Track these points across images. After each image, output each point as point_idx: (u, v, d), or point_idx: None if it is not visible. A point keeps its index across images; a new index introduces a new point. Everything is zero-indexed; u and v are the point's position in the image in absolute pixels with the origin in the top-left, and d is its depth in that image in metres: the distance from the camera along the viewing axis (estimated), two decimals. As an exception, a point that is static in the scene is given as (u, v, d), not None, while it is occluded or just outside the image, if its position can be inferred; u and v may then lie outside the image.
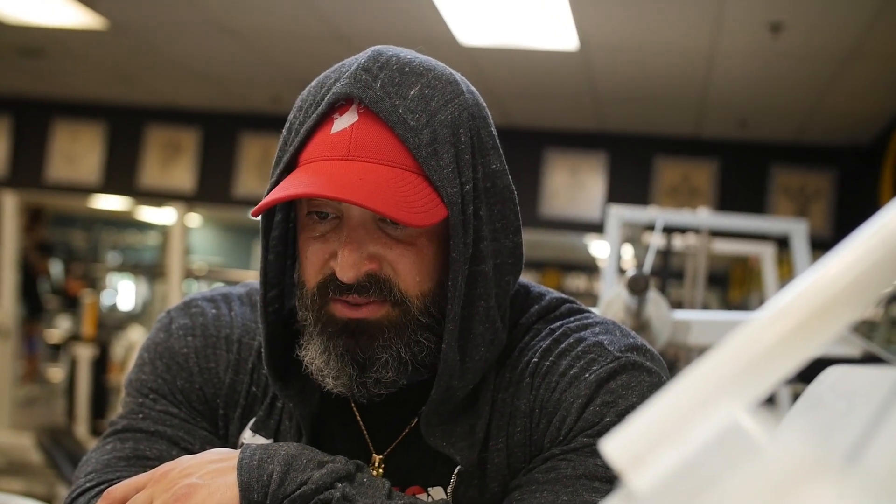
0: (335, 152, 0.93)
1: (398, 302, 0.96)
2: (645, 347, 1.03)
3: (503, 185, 1.01)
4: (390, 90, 0.94)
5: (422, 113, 0.94)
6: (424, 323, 0.98)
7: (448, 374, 0.97)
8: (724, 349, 0.44)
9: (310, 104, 0.98)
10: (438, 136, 0.94)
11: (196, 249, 13.57)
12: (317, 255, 0.98)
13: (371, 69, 0.96)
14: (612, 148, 7.09)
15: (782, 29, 4.52)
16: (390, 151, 0.93)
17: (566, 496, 0.94)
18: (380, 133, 0.93)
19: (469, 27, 4.96)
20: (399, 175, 0.93)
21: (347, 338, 0.97)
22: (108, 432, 1.08)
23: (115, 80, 7.04)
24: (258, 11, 5.09)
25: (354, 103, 0.95)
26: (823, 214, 6.77)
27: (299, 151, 0.97)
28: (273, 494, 0.90)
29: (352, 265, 0.93)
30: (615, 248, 3.66)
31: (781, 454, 0.39)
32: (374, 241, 0.95)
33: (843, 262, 0.44)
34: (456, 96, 0.98)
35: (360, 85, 0.94)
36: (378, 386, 0.98)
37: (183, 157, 7.71)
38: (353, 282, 0.94)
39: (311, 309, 0.99)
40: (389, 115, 0.93)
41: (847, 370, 0.74)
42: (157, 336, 1.12)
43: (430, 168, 0.93)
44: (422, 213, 0.92)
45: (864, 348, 2.08)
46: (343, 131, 0.94)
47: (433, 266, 0.98)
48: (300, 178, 0.93)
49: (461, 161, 0.95)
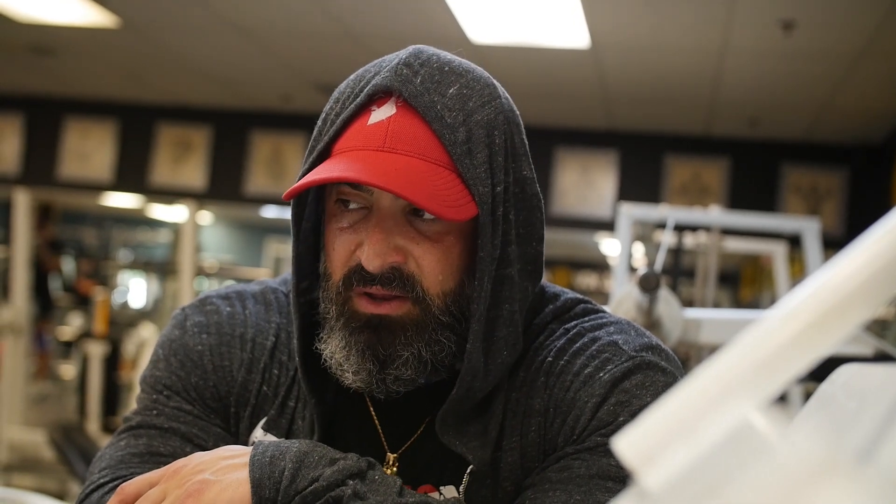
0: (371, 143, 0.94)
1: (419, 299, 0.96)
2: (660, 347, 1.03)
3: (532, 192, 1.01)
4: (430, 86, 0.95)
5: (459, 111, 0.95)
6: (445, 322, 0.98)
7: (471, 375, 0.97)
8: (735, 348, 0.44)
9: (347, 95, 0.98)
10: (473, 136, 0.95)
11: (207, 247, 13.60)
12: (344, 245, 0.98)
13: (412, 65, 0.97)
14: (623, 146, 7.08)
15: (794, 27, 4.50)
16: (426, 146, 0.94)
17: (579, 495, 0.94)
18: (417, 127, 0.94)
19: (480, 25, 4.96)
20: (433, 169, 0.93)
21: (369, 333, 0.97)
22: (123, 428, 1.08)
23: (126, 78, 7.06)
24: (269, 10, 5.09)
25: (393, 96, 0.95)
26: (835, 213, 6.74)
27: (334, 141, 0.97)
28: (285, 491, 0.90)
29: (378, 254, 0.93)
30: (626, 246, 3.66)
31: (793, 453, 0.39)
32: (401, 233, 0.96)
33: (856, 261, 0.44)
34: (493, 99, 0.99)
35: (401, 79, 0.95)
36: (397, 383, 0.98)
37: (194, 155, 7.73)
38: (378, 271, 0.94)
39: (335, 302, 0.99)
40: (428, 111, 0.94)
41: (859, 369, 0.74)
42: (172, 333, 1.12)
43: (464, 166, 0.93)
44: (454, 209, 0.92)
45: (877, 347, 2.08)
46: (380, 123, 0.94)
47: (457, 265, 0.98)
48: (335, 164, 0.93)
49: (494, 162, 0.96)
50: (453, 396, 0.97)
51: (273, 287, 1.17)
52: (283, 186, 7.54)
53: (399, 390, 0.99)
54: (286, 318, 1.12)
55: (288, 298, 1.15)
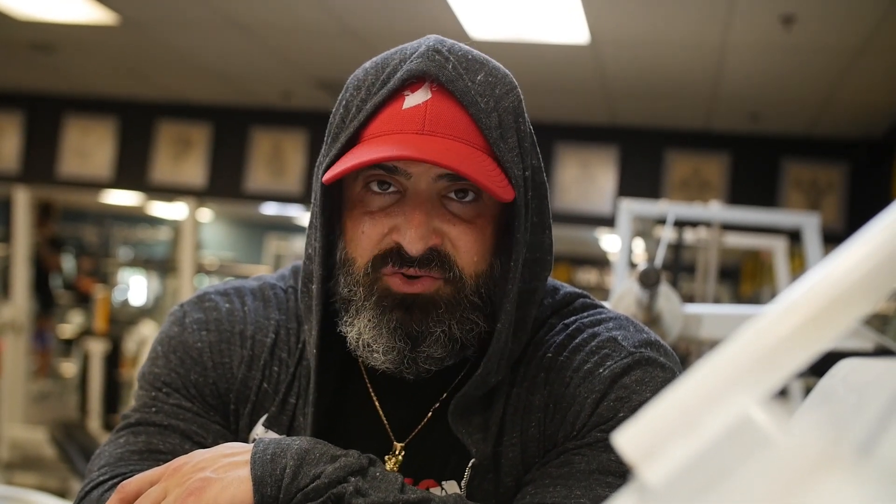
0: (409, 126, 0.94)
1: (455, 279, 0.97)
2: (658, 343, 1.03)
3: (540, 180, 1.02)
4: (461, 72, 0.96)
5: (490, 97, 0.96)
6: (475, 303, 0.99)
7: (499, 354, 0.97)
8: (736, 343, 0.44)
9: (371, 83, 0.98)
10: (504, 122, 0.96)
11: (207, 244, 13.61)
12: (375, 228, 0.98)
13: (441, 51, 0.97)
14: (623, 142, 7.08)
15: (794, 22, 4.50)
16: (465, 129, 0.94)
17: (579, 490, 0.94)
18: (454, 111, 0.94)
19: (480, 21, 4.96)
20: (474, 152, 0.94)
21: (402, 312, 0.97)
22: (122, 426, 1.08)
23: (126, 75, 7.05)
24: (269, 7, 5.09)
25: (427, 81, 0.95)
26: (835, 208, 6.74)
27: (363, 127, 0.97)
28: (286, 488, 0.90)
29: (421, 237, 0.94)
30: (626, 241, 3.65)
31: (793, 447, 0.39)
32: (439, 216, 0.96)
33: (856, 256, 0.44)
34: (514, 87, 1.00)
35: (435, 64, 0.95)
36: (428, 362, 0.98)
37: (194, 153, 7.73)
38: (420, 254, 0.94)
39: (361, 283, 0.99)
40: (464, 95, 0.95)
41: (859, 363, 0.74)
42: (171, 330, 1.11)
43: (500, 150, 0.95)
44: (503, 188, 0.93)
45: (877, 341, 2.07)
46: (417, 107, 0.94)
47: (489, 248, 0.99)
48: (378, 147, 0.93)
49: (522, 148, 0.97)
50: (477, 377, 0.97)
51: (271, 283, 1.16)
52: (283, 183, 7.54)
53: (430, 369, 0.99)
54: (285, 315, 1.12)
55: (286, 294, 1.14)
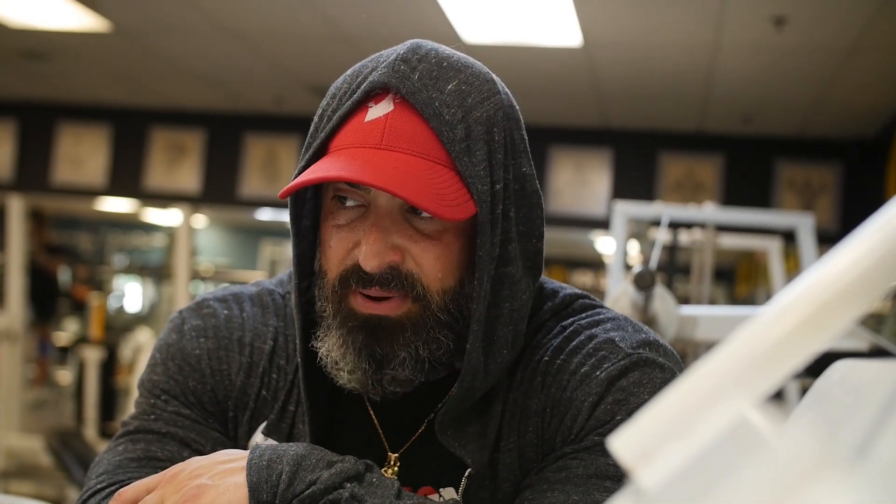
0: (368, 140, 0.92)
1: (419, 297, 0.95)
2: (658, 343, 1.02)
3: (531, 189, 1.00)
4: (427, 83, 0.94)
5: (458, 108, 0.93)
6: (444, 320, 0.97)
7: (471, 375, 0.95)
8: (731, 345, 0.44)
9: (344, 92, 0.97)
10: (472, 133, 0.93)
11: (202, 251, 13.57)
12: (340, 244, 0.96)
13: (410, 60, 0.95)
14: (617, 144, 7.09)
15: (785, 23, 4.51)
16: (424, 143, 0.92)
17: (577, 495, 0.93)
18: (414, 124, 0.93)
19: (473, 25, 4.96)
20: (431, 168, 0.92)
21: (367, 333, 0.96)
22: (120, 433, 1.08)
23: (119, 82, 7.05)
24: (261, 13, 5.09)
25: (391, 93, 0.94)
26: (829, 208, 6.75)
27: (330, 138, 0.96)
28: (282, 494, 0.90)
29: (375, 254, 0.92)
30: (621, 244, 3.66)
31: (790, 449, 0.39)
32: (399, 232, 0.94)
33: (851, 256, 0.44)
34: (492, 95, 0.97)
35: (398, 75, 0.94)
36: (393, 384, 0.97)
37: (188, 159, 7.72)
38: (376, 272, 0.93)
39: (331, 300, 0.98)
40: (425, 108, 0.92)
41: (855, 364, 0.74)
42: (170, 337, 1.11)
43: (463, 164, 0.92)
44: (452, 208, 0.91)
45: (872, 342, 2.08)
46: (377, 120, 0.93)
47: (457, 263, 0.97)
48: (332, 162, 0.92)
49: (493, 160, 0.94)
50: (453, 397, 0.96)
51: (269, 289, 1.16)
52: (277, 189, 7.54)
53: (395, 391, 0.98)
54: (283, 321, 1.12)
55: (284, 300, 1.14)
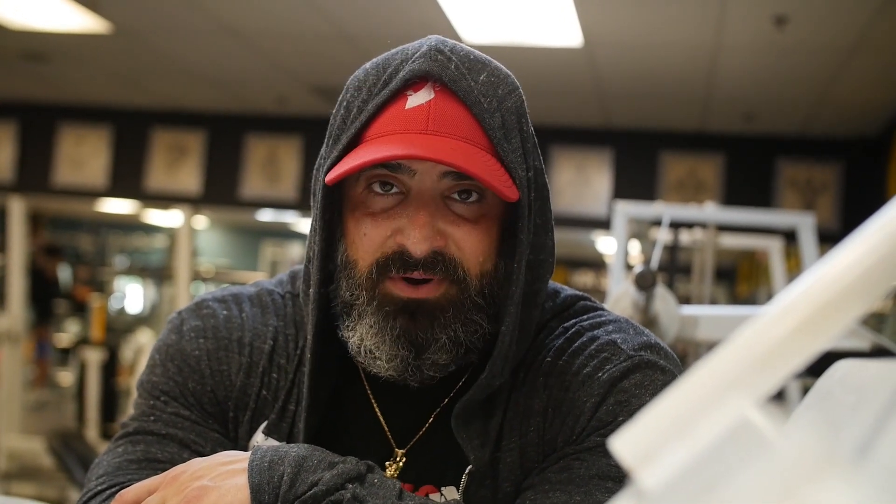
0: (412, 126, 0.93)
1: (459, 280, 0.96)
2: (658, 345, 1.02)
3: (542, 183, 1.01)
4: (464, 72, 0.96)
5: (492, 97, 0.96)
6: (479, 304, 0.98)
7: (503, 356, 0.96)
8: (732, 345, 0.44)
9: (373, 83, 0.97)
10: (507, 122, 0.96)
11: (203, 251, 13.59)
12: (378, 230, 0.96)
13: (443, 51, 0.97)
14: (618, 144, 7.09)
15: (787, 22, 4.51)
16: (468, 129, 0.94)
17: (579, 496, 0.93)
18: (457, 111, 0.94)
19: (473, 25, 4.96)
20: (478, 152, 0.93)
21: (406, 318, 0.96)
22: (120, 434, 1.08)
23: (120, 83, 7.05)
24: (262, 13, 5.09)
25: (430, 81, 0.95)
26: (831, 207, 6.75)
27: (365, 128, 0.96)
28: (284, 496, 0.90)
29: (425, 238, 0.93)
30: (622, 244, 3.65)
31: (791, 449, 0.39)
32: (442, 217, 0.96)
33: (852, 255, 0.44)
34: (516, 88, 1.00)
35: (438, 64, 0.95)
36: (433, 368, 0.97)
37: (189, 160, 7.72)
38: (424, 256, 0.93)
39: (364, 287, 0.97)
40: (467, 95, 0.94)
41: (856, 364, 0.74)
42: (169, 338, 1.11)
43: (504, 150, 0.94)
44: (509, 188, 0.92)
45: (874, 342, 2.08)
46: (420, 107, 0.94)
47: (493, 248, 0.98)
48: (382, 147, 0.92)
49: (525, 149, 0.97)
50: (482, 380, 0.96)
51: (269, 289, 1.15)
52: (278, 190, 7.54)
53: (435, 376, 0.98)
54: (283, 321, 1.11)
55: (284, 300, 1.14)
